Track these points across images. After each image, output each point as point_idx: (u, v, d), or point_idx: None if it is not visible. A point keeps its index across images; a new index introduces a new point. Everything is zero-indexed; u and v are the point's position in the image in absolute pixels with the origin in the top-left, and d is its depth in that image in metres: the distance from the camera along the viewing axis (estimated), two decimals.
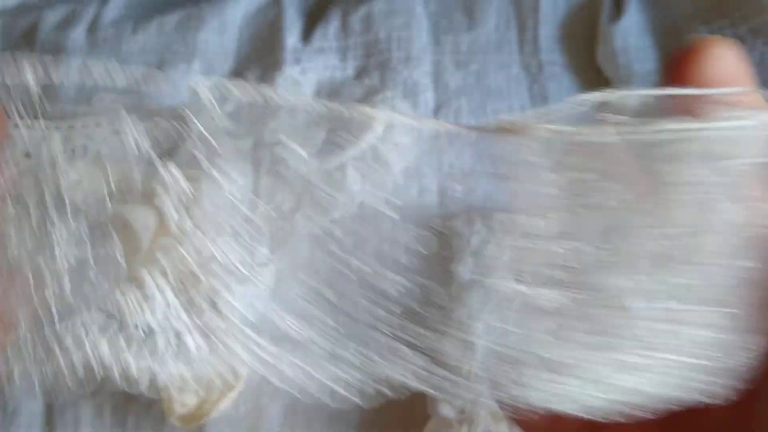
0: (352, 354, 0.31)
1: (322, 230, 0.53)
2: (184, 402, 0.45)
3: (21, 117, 0.53)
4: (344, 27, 0.71)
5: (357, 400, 0.32)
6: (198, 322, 0.34)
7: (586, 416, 0.26)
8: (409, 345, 0.30)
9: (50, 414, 0.55)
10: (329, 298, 0.37)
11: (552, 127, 0.25)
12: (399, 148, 0.58)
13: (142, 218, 0.41)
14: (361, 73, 0.68)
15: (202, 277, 0.43)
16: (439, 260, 0.39)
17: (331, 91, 0.64)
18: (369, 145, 0.56)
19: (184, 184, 0.46)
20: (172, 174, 0.53)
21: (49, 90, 0.64)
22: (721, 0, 0.62)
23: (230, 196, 0.52)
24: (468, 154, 0.61)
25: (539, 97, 0.65)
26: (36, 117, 0.58)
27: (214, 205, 0.51)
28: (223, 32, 0.72)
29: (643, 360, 0.26)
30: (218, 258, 0.47)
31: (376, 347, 0.31)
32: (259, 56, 0.70)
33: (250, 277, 0.48)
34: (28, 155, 0.54)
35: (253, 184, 0.49)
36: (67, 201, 0.39)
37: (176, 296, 0.36)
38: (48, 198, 0.39)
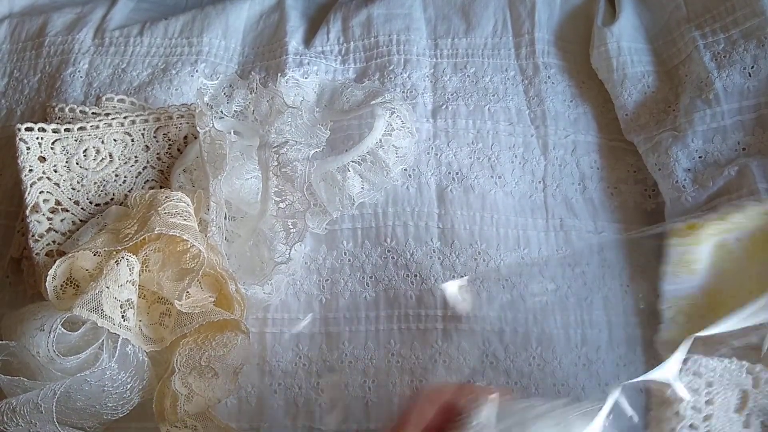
0: None
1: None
2: None
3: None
4: (345, 31, 0.72)
5: None
6: None
7: None
8: None
9: None
10: None
11: None
12: (398, 151, 0.59)
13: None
14: (361, 76, 0.69)
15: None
16: None
17: (332, 94, 0.64)
18: (369, 147, 0.57)
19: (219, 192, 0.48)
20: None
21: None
22: (713, 4, 0.63)
23: (244, 197, 0.53)
24: (465, 154, 0.62)
25: (535, 99, 0.66)
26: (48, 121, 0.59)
27: (232, 204, 0.53)
28: (227, 36, 0.73)
29: None
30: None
31: None
32: (263, 59, 0.71)
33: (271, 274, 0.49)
34: (42, 159, 0.55)
35: (263, 185, 0.51)
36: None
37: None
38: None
